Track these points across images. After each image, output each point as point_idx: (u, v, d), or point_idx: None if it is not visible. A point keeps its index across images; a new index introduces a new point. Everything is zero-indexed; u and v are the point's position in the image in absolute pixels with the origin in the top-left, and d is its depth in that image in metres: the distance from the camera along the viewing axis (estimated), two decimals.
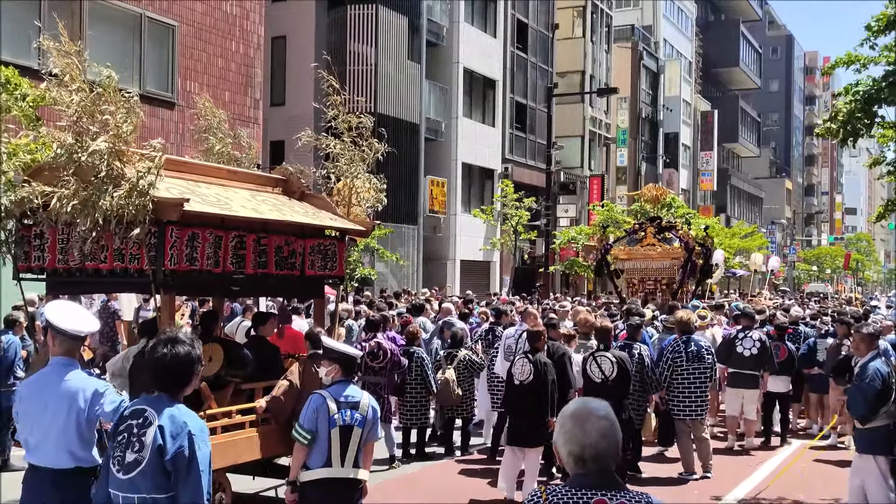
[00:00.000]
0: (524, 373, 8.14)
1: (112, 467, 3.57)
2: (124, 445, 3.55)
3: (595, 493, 2.67)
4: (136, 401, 3.75)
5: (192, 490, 3.49)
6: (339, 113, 8.20)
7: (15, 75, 9.80)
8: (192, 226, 6.29)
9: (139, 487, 3.50)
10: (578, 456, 2.70)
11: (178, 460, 3.49)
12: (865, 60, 9.82)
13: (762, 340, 11.01)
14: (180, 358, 3.63)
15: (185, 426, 3.56)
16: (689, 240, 17.72)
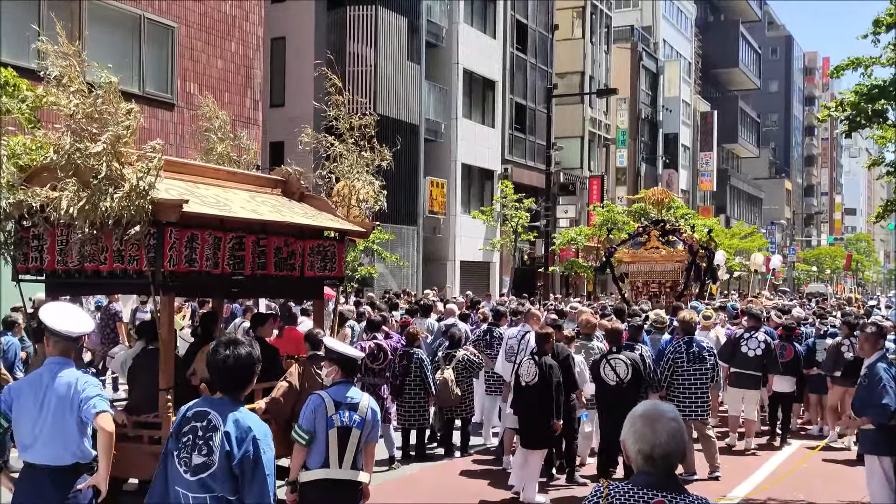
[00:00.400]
0: (530, 374, 8.16)
1: (178, 467, 3.65)
2: (190, 447, 3.63)
3: (656, 494, 2.76)
4: (197, 401, 3.82)
5: (258, 492, 3.60)
6: (341, 113, 8.19)
7: (14, 77, 9.79)
8: (191, 227, 6.29)
9: (210, 488, 3.59)
10: (648, 455, 2.79)
11: (244, 464, 3.59)
12: (869, 63, 9.84)
13: (767, 342, 11.00)
14: (242, 360, 3.68)
15: (250, 431, 3.65)
16: (692, 243, 17.79)
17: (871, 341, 7.22)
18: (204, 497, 3.60)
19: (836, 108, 9.92)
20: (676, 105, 51.25)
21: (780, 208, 75.07)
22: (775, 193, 75.10)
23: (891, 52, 9.58)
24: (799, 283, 66.39)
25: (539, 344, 8.33)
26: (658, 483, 2.78)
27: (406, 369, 9.82)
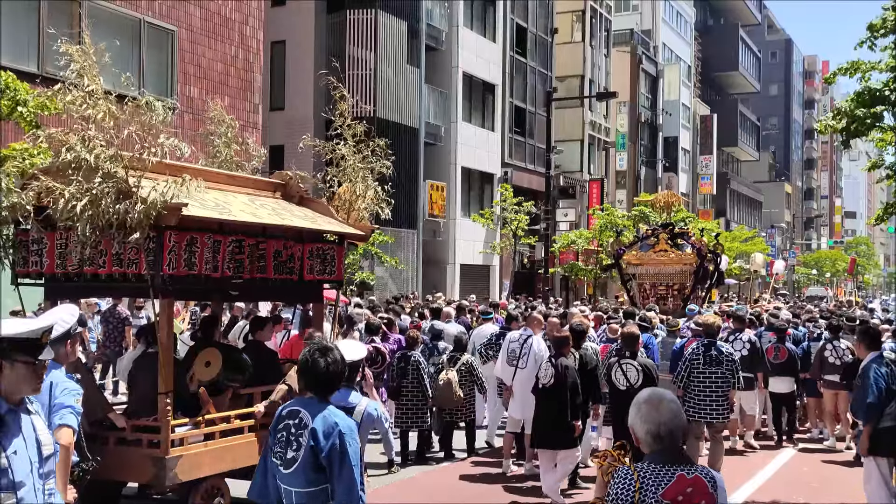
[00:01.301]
0: (547, 376, 8.32)
1: (276, 462, 4.02)
2: (284, 443, 4.00)
3: (674, 468, 3.19)
4: (291, 402, 4.24)
5: (346, 482, 3.91)
6: (345, 119, 8.20)
7: (14, 80, 9.81)
8: (190, 230, 6.29)
9: (300, 481, 3.94)
10: (656, 434, 3.21)
11: (331, 456, 3.90)
12: (867, 67, 9.85)
13: (751, 342, 11.14)
14: (333, 366, 4.07)
15: (336, 426, 3.96)
16: (701, 246, 17.92)
17: (865, 343, 7.31)
18: (290, 490, 3.98)
19: (833, 118, 9.95)
20: (676, 108, 51.27)
21: (780, 212, 75.08)
22: (775, 197, 75.11)
23: (888, 57, 9.60)
24: (799, 287, 66.39)
25: (557, 347, 8.47)
26: (671, 458, 3.20)
27: (403, 371, 9.89)
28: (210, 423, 6.69)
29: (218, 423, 6.71)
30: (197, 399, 6.83)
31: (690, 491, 3.17)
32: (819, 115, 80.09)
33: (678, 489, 3.17)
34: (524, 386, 9.47)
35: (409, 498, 8.44)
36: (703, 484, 3.20)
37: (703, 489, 3.19)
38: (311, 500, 3.95)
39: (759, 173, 75.06)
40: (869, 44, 9.90)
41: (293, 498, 3.97)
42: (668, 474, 3.18)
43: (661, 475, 3.18)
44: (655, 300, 17.48)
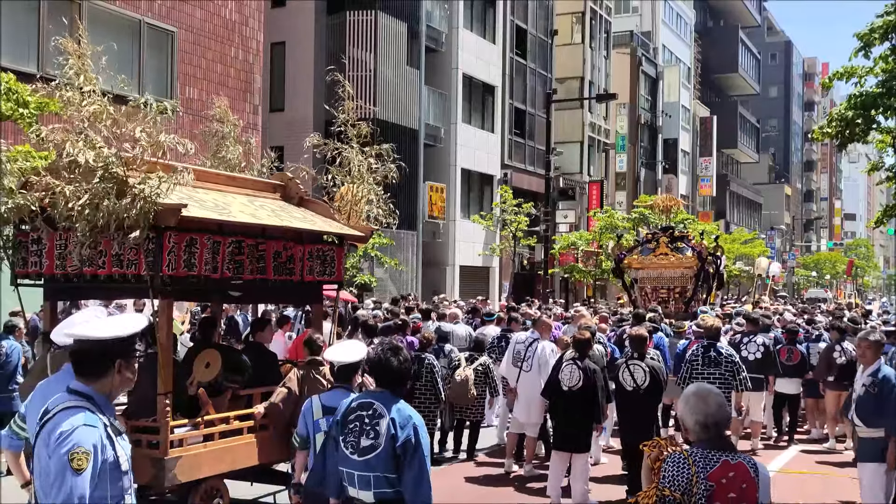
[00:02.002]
0: (573, 379, 8.25)
1: (345, 450, 4.29)
2: (357, 432, 4.27)
3: (720, 454, 3.54)
4: (360, 395, 4.55)
5: (418, 469, 4.20)
6: (349, 119, 8.19)
7: (14, 81, 9.81)
8: (190, 231, 6.29)
9: (375, 467, 4.21)
10: (703, 423, 3.59)
11: (406, 446, 4.20)
12: (863, 72, 9.87)
13: (766, 345, 11.30)
14: (402, 364, 4.41)
15: (411, 419, 4.30)
16: (701, 249, 18.00)
17: (874, 349, 7.13)
18: (369, 476, 4.22)
19: (829, 124, 9.97)
20: (676, 110, 51.30)
21: (780, 213, 75.10)
22: (775, 198, 75.13)
23: (883, 63, 9.61)
24: (798, 289, 66.39)
25: (581, 349, 8.42)
26: (717, 445, 3.57)
27: (416, 373, 9.83)
28: (209, 423, 6.68)
29: (217, 424, 6.70)
30: (196, 400, 6.82)
31: (733, 475, 3.51)
32: (819, 117, 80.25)
33: (723, 472, 3.50)
34: (528, 388, 9.49)
35: None
36: (746, 469, 3.54)
37: (745, 474, 3.53)
38: (385, 485, 4.23)
39: (758, 175, 75.08)
40: (864, 52, 9.92)
41: (371, 483, 4.23)
42: (715, 458, 3.53)
43: (708, 459, 3.54)
44: (657, 303, 17.54)
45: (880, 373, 7.01)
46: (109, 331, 3.32)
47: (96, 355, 3.29)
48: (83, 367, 3.30)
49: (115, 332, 3.32)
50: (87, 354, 3.29)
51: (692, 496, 3.48)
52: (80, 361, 3.32)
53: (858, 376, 7.27)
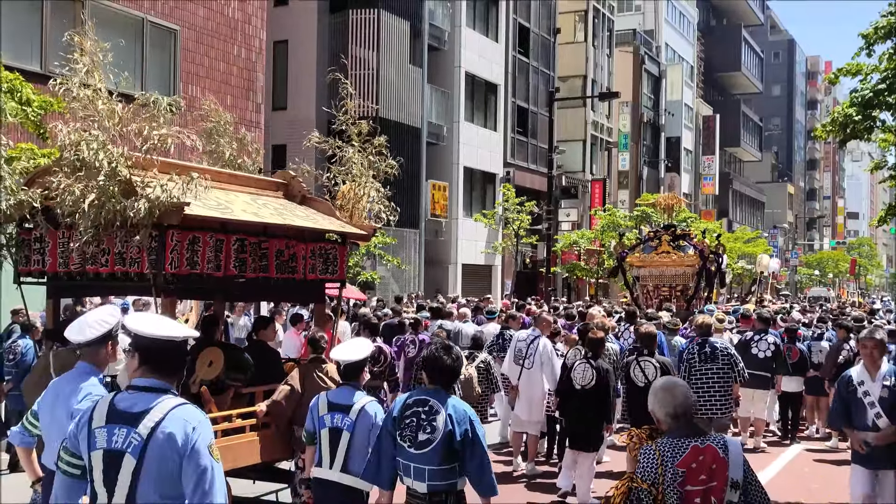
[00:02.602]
0: (586, 378, 8.30)
1: (402, 443, 4.58)
2: (414, 427, 4.56)
3: (689, 441, 3.75)
4: (414, 392, 4.83)
5: (480, 459, 4.55)
6: (351, 118, 8.20)
7: (18, 79, 9.82)
8: (192, 229, 6.30)
9: (431, 460, 4.49)
10: (672, 413, 3.83)
11: (465, 440, 4.51)
12: (868, 70, 9.84)
13: (776, 343, 11.40)
14: (455, 362, 4.73)
15: (466, 413, 4.60)
16: (703, 247, 18.04)
17: (881, 348, 6.76)
18: (424, 468, 4.49)
19: (831, 123, 9.94)
20: (679, 109, 51.25)
21: (783, 212, 75.01)
22: (778, 197, 75.06)
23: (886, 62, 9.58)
24: (801, 287, 66.31)
25: (594, 348, 8.47)
26: (686, 433, 3.78)
27: None
28: (212, 422, 6.69)
29: (220, 422, 6.71)
30: (198, 398, 6.83)
31: (703, 458, 3.72)
32: (822, 116, 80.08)
33: (692, 458, 3.72)
34: (529, 386, 9.53)
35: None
36: (715, 451, 3.74)
37: (714, 455, 3.73)
38: (443, 476, 4.49)
39: (761, 174, 75.00)
40: (867, 51, 9.89)
41: (425, 475, 4.50)
42: (684, 446, 3.75)
43: (677, 448, 3.75)
44: (658, 301, 17.59)
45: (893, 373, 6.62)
46: (184, 332, 3.45)
47: (175, 353, 3.42)
48: (164, 365, 3.36)
49: (186, 333, 3.47)
50: (168, 353, 3.36)
51: (661, 485, 3.70)
52: (161, 359, 3.36)
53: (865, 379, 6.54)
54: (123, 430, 3.26)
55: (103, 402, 3.38)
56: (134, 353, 3.38)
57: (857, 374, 6.61)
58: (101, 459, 3.28)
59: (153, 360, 3.35)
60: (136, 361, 3.37)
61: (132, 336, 3.42)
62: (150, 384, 3.34)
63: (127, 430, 3.26)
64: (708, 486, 3.71)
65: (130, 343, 3.45)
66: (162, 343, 3.34)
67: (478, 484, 4.59)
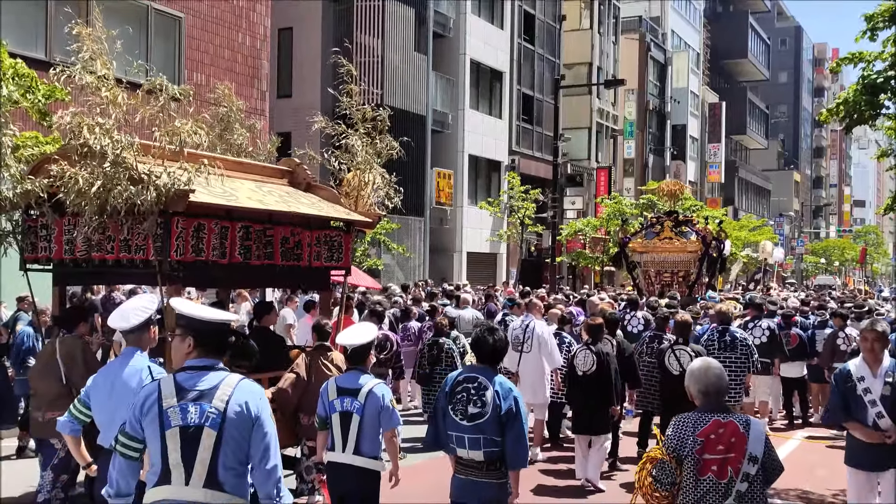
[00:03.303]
0: (587, 363, 8.41)
1: (454, 417, 4.93)
2: (465, 402, 4.92)
3: (713, 415, 4.16)
4: (464, 370, 5.18)
5: (518, 432, 4.89)
6: (354, 103, 8.19)
7: (23, 67, 9.81)
8: (198, 216, 6.31)
9: (484, 430, 4.86)
10: (704, 391, 4.24)
11: (509, 414, 4.87)
12: (871, 57, 9.77)
13: (771, 329, 11.50)
14: (500, 342, 5.09)
15: (511, 391, 4.98)
16: (706, 234, 18.05)
17: (882, 341, 6.22)
18: (477, 437, 4.86)
19: (836, 108, 9.88)
20: (685, 96, 51.06)
21: (789, 200, 74.79)
22: (784, 185, 74.82)
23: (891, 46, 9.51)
24: (807, 275, 66.18)
25: (593, 334, 8.57)
26: (713, 408, 4.19)
27: (436, 358, 10.11)
28: None
29: None
30: None
31: (723, 431, 4.10)
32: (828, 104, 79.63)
33: (712, 429, 4.11)
34: (530, 369, 9.64)
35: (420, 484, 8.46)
36: (736, 426, 4.11)
37: (735, 430, 4.10)
38: (493, 445, 4.87)
39: (767, 161, 74.74)
40: (870, 35, 9.82)
41: (480, 444, 4.87)
42: (706, 419, 4.16)
43: (700, 420, 4.16)
44: (660, 287, 17.61)
45: None
46: (230, 316, 3.77)
47: (224, 335, 3.70)
48: (216, 346, 3.64)
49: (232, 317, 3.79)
50: (218, 335, 3.65)
51: (683, 449, 4.12)
52: (213, 341, 3.64)
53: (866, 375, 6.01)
54: (197, 407, 3.49)
55: (167, 382, 3.56)
56: (186, 336, 3.61)
57: (856, 369, 6.04)
58: (178, 436, 3.47)
59: (206, 342, 3.59)
60: (188, 344, 3.61)
61: (185, 320, 3.62)
62: (207, 363, 3.58)
63: (200, 406, 3.49)
64: (726, 456, 4.07)
65: (183, 326, 3.65)
66: (213, 326, 3.61)
67: (512, 455, 4.91)
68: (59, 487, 6.28)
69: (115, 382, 4.67)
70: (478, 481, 4.94)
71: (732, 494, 4.05)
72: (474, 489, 4.95)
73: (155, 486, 3.53)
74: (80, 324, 6.62)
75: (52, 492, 6.25)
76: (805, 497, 8.47)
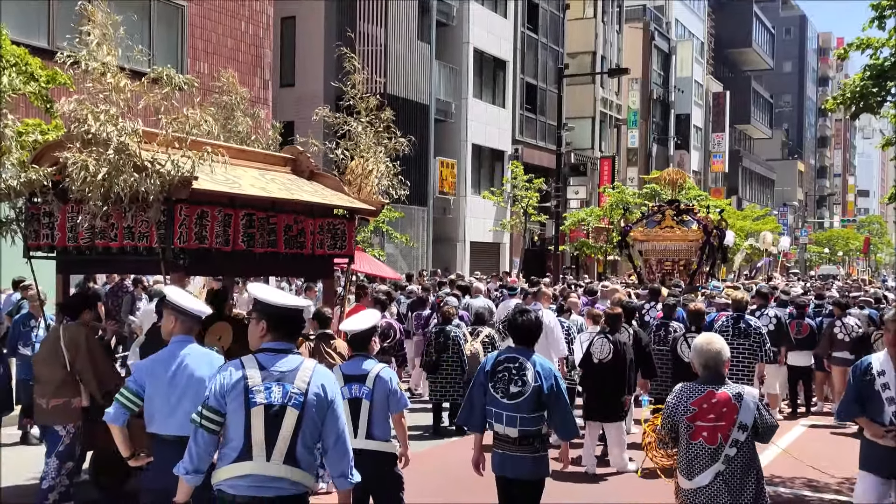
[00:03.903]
0: (603, 352, 8.53)
1: (495, 394, 5.25)
2: (506, 381, 5.23)
3: (707, 386, 4.54)
4: (504, 350, 5.51)
5: (564, 409, 5.27)
6: (358, 92, 8.16)
7: (26, 54, 9.78)
8: (201, 204, 6.30)
9: (521, 408, 5.18)
10: (704, 364, 4.60)
11: (550, 392, 5.19)
12: (879, 44, 9.71)
13: (778, 317, 11.51)
14: (532, 323, 5.38)
15: (551, 370, 5.30)
16: (707, 223, 18.08)
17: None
18: (515, 415, 5.17)
19: (842, 94, 9.82)
20: (689, 85, 50.90)
21: (793, 190, 74.63)
22: (788, 175, 74.66)
23: None
24: (811, 265, 66.10)
25: (612, 323, 8.69)
26: (711, 380, 4.57)
27: (444, 346, 10.18)
28: None
29: None
30: None
31: (715, 401, 4.47)
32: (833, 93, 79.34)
33: (706, 399, 4.50)
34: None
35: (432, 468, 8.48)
36: (728, 397, 4.47)
37: (727, 401, 4.47)
38: (532, 422, 5.19)
39: (771, 151, 74.56)
40: (878, 23, 9.75)
41: (517, 422, 5.18)
42: (701, 389, 4.54)
43: (695, 390, 4.56)
44: (661, 276, 17.67)
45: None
46: (302, 302, 3.94)
47: (299, 320, 3.91)
48: (291, 330, 3.84)
49: (305, 302, 3.99)
50: (293, 320, 3.86)
51: (677, 415, 4.55)
52: (288, 325, 3.83)
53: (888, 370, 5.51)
54: (280, 387, 3.67)
55: (250, 361, 3.71)
56: (261, 320, 3.76)
57: (878, 363, 5.56)
58: (262, 414, 3.64)
59: (282, 326, 3.75)
60: (263, 327, 3.76)
61: (260, 305, 3.76)
62: (283, 346, 3.73)
63: (282, 386, 3.68)
64: (716, 424, 4.45)
65: (257, 311, 3.79)
66: (287, 311, 3.76)
67: (562, 429, 5.34)
68: (64, 475, 6.28)
69: (176, 370, 4.64)
70: (513, 455, 5.24)
71: (721, 458, 4.45)
72: (511, 463, 5.26)
73: (234, 462, 3.62)
74: (84, 311, 6.62)
75: (56, 479, 6.25)
76: (811, 485, 8.46)
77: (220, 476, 3.65)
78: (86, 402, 6.41)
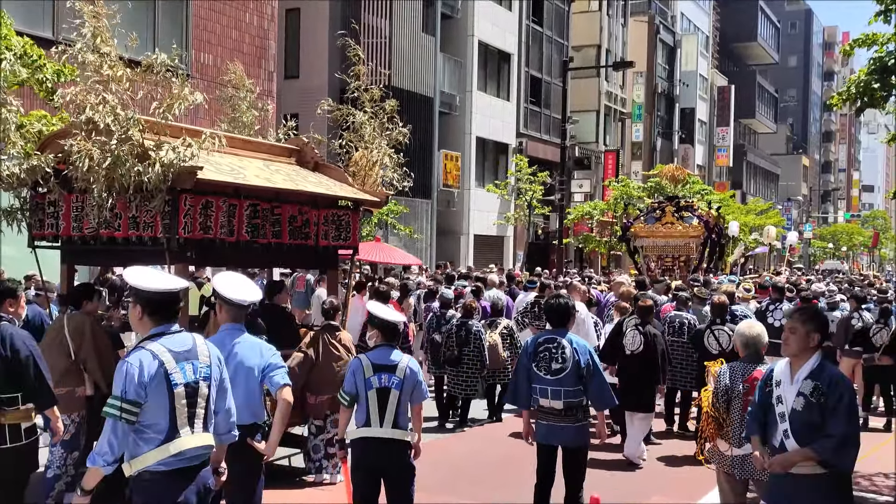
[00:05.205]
0: (635, 343, 8.87)
1: (538, 372, 5.93)
2: (548, 360, 5.91)
3: (755, 365, 5.34)
4: (544, 332, 6.17)
5: (600, 380, 5.99)
6: (362, 83, 8.15)
7: (32, 46, 9.78)
8: (206, 194, 6.30)
9: (564, 383, 5.87)
10: (745, 344, 5.44)
11: (588, 367, 5.89)
12: (884, 39, 9.66)
13: None
14: (563, 306, 6.09)
15: (586, 346, 6.00)
16: (708, 218, 18.08)
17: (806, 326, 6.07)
18: (559, 389, 5.86)
19: (847, 89, 9.77)
20: (693, 79, 50.75)
21: (797, 184, 74.46)
22: (792, 169, 74.48)
23: None
24: (815, 260, 65.98)
25: (643, 315, 9.00)
26: (752, 359, 5.40)
27: (465, 340, 10.17)
28: None
29: None
30: None
31: (756, 378, 5.03)
32: (838, 88, 79.12)
33: (755, 376, 5.12)
34: None
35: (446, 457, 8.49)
36: (763, 372, 4.93)
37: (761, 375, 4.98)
38: (574, 395, 5.87)
39: (776, 146, 74.37)
40: (883, 17, 9.70)
41: (561, 395, 5.85)
42: (751, 368, 5.33)
43: (746, 368, 5.36)
44: (661, 272, 17.72)
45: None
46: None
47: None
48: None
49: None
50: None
51: (734, 391, 5.30)
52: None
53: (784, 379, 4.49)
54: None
55: (159, 348, 3.93)
56: (136, 305, 3.97)
57: (778, 371, 4.57)
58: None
59: (161, 310, 3.95)
60: (139, 312, 3.95)
61: (135, 290, 3.96)
62: (171, 328, 3.97)
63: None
64: None
65: (133, 296, 4.04)
66: (162, 295, 3.94)
67: (598, 400, 5.97)
68: (69, 464, 6.29)
69: (230, 359, 4.74)
70: (558, 425, 5.89)
71: None
72: (556, 432, 5.92)
73: (163, 444, 3.85)
74: (85, 301, 6.60)
75: (61, 468, 6.27)
76: None
77: (147, 461, 3.80)
78: (90, 391, 6.42)
